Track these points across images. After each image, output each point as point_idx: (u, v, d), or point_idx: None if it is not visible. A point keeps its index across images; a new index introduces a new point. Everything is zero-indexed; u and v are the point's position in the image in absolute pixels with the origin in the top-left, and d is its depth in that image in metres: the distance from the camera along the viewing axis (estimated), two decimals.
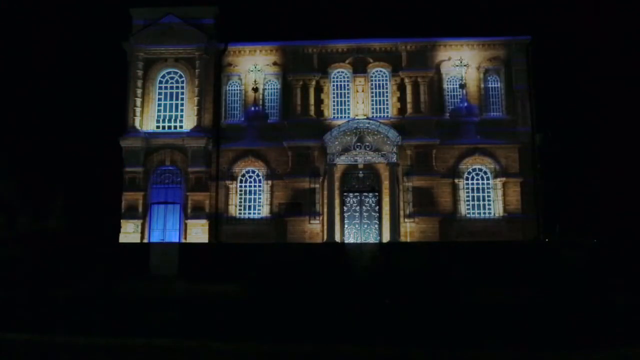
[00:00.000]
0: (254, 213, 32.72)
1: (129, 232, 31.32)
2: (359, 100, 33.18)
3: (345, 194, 32.57)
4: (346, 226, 32.28)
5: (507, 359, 9.90)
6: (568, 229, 32.88)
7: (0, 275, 21.53)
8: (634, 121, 37.46)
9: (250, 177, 33.08)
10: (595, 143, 38.67)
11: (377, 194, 32.41)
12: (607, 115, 38.77)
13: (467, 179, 32.14)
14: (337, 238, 31.22)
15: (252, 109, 32.97)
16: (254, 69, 33.83)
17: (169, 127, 33.00)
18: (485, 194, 32.05)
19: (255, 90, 33.17)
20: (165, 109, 33.22)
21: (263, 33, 34.56)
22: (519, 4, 35.99)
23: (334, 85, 33.63)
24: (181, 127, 32.87)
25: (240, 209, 32.82)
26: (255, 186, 32.98)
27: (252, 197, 32.92)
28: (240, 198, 32.95)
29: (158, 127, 32.97)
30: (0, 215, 34.60)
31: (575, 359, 9.93)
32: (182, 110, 33.10)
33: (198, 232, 31.51)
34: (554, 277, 20.92)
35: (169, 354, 10.27)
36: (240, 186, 33.04)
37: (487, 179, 32.12)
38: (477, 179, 32.19)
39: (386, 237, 31.05)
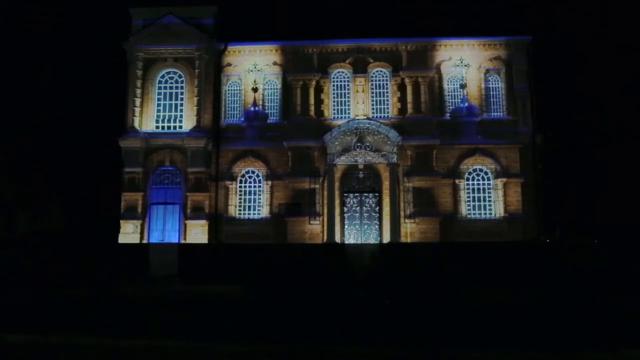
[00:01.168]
0: (253, 213, 32.69)
1: (129, 233, 31.29)
2: (359, 100, 33.16)
3: (345, 194, 32.53)
4: (346, 227, 32.24)
5: (507, 359, 9.87)
6: (569, 229, 32.83)
7: (0, 275, 21.52)
8: (634, 121, 37.47)
9: (250, 177, 33.05)
10: (596, 143, 38.67)
11: (377, 194, 32.37)
12: (607, 115, 38.80)
13: (467, 179, 32.10)
14: (337, 238, 31.18)
15: (252, 109, 32.92)
16: (254, 69, 33.81)
17: (169, 127, 32.98)
18: (485, 194, 32.02)
19: (255, 90, 33.13)
20: (164, 109, 33.20)
21: (263, 33, 34.53)
22: (519, 4, 35.97)
23: (334, 85, 33.60)
24: (181, 127, 32.84)
25: (240, 210, 32.79)
26: (255, 186, 32.95)
27: (252, 197, 32.89)
28: (240, 198, 32.91)
29: (157, 127, 32.95)
30: (0, 215, 34.61)
31: (575, 359, 9.91)
32: (181, 111, 33.07)
33: (198, 232, 31.48)
34: (555, 278, 20.87)
35: (169, 354, 10.25)
36: (240, 186, 33.01)
37: (488, 179, 32.08)
38: (478, 179, 32.15)
39: (386, 238, 31.02)
